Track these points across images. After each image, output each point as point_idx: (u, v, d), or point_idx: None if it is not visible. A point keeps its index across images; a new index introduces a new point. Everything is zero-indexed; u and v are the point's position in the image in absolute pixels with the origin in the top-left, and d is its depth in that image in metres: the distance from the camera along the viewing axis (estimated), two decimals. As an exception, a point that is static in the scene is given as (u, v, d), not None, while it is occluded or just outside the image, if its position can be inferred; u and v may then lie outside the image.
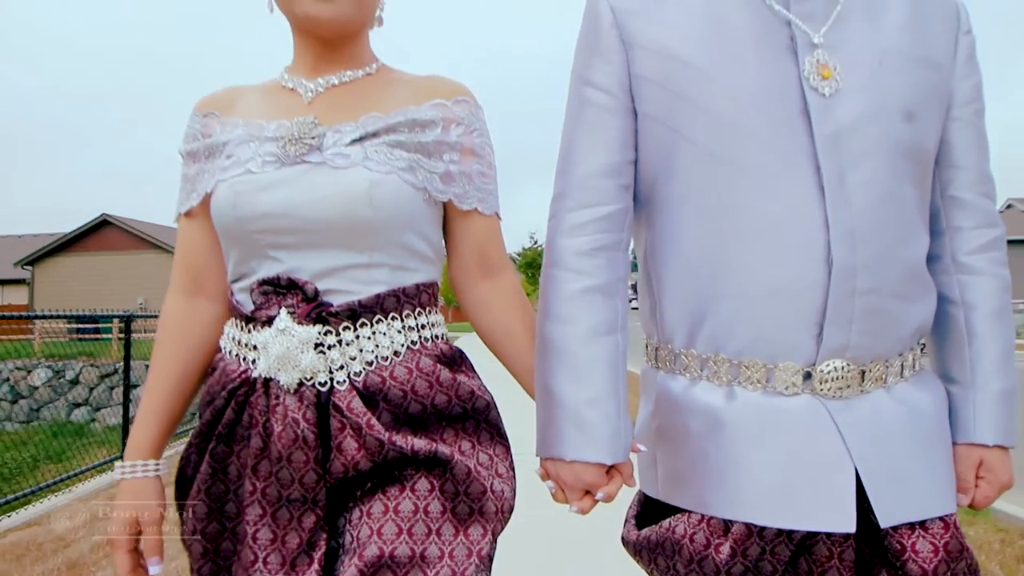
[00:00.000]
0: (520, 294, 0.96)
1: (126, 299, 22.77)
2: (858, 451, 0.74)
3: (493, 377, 1.00)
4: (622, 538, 0.90)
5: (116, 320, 20.47)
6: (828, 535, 0.74)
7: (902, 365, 0.81)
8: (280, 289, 0.80)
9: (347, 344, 0.80)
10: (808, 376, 0.76)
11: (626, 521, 0.90)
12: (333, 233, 0.80)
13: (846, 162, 0.75)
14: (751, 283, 0.76)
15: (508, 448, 0.89)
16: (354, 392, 0.78)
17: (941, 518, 0.77)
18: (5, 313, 3.95)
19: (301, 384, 0.78)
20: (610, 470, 0.80)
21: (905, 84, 0.79)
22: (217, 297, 0.92)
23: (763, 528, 0.74)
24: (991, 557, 2.69)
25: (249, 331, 0.82)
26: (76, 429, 12.88)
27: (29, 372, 15.52)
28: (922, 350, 0.87)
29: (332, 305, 0.80)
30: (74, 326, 19.63)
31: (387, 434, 0.77)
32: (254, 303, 0.82)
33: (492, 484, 0.82)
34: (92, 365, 15.10)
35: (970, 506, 0.84)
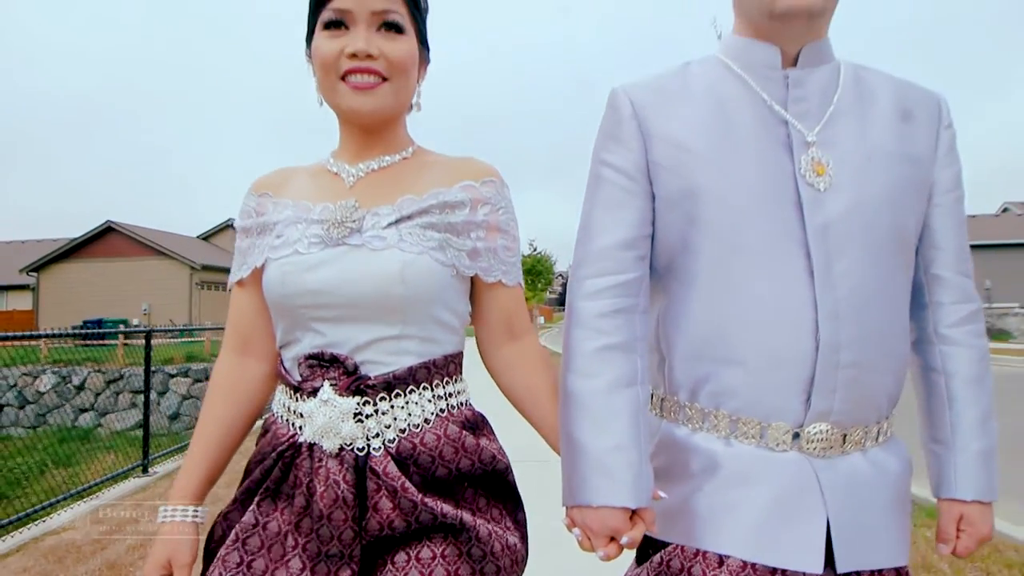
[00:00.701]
0: (543, 356, 1.01)
1: (131, 305, 22.73)
2: (832, 506, 0.81)
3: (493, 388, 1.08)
4: None
5: (121, 326, 20.40)
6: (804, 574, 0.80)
7: (878, 431, 0.88)
8: (324, 363, 0.87)
9: (383, 413, 0.86)
10: (796, 436, 0.83)
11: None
12: (369, 309, 0.87)
13: (833, 251, 0.82)
14: (750, 353, 0.83)
15: (521, 506, 0.97)
16: (389, 457, 0.84)
17: (895, 568, 0.85)
18: (12, 333, 4.03)
19: (341, 449, 0.84)
20: (633, 515, 0.82)
21: (889, 180, 0.86)
22: (264, 357, 0.99)
23: (756, 562, 0.80)
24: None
25: (296, 400, 0.89)
26: (82, 434, 12.91)
27: (36, 378, 15.49)
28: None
29: (370, 378, 0.86)
30: (81, 333, 19.75)
31: (420, 496, 0.83)
32: (301, 375, 0.89)
33: (507, 540, 0.88)
34: (98, 371, 15.03)
35: (952, 553, 0.91)
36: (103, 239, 23.49)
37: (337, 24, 0.90)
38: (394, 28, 0.91)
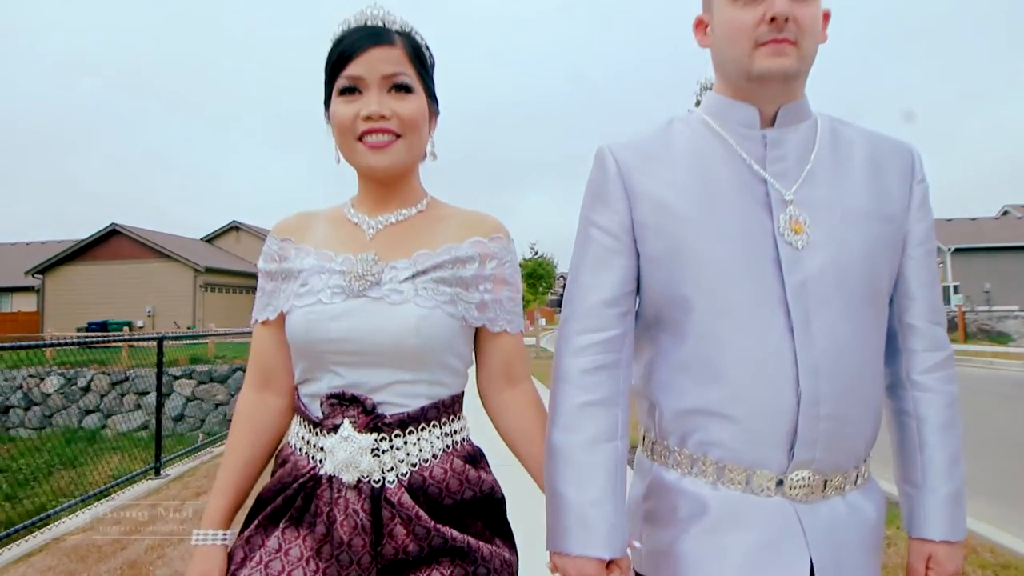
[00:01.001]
0: (538, 402, 1.07)
1: (135, 307, 22.80)
2: (815, 548, 0.85)
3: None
4: None
5: (126, 329, 20.49)
6: None
7: (857, 475, 0.91)
8: (344, 402, 0.94)
9: (397, 449, 0.94)
10: (780, 483, 0.86)
11: None
12: (386, 356, 0.94)
13: (812, 308, 0.86)
14: (735, 407, 0.86)
15: (511, 531, 1.04)
16: (403, 489, 0.91)
17: None
18: (22, 343, 4.12)
19: (359, 481, 0.91)
20: (610, 564, 0.87)
21: (864, 238, 0.89)
22: (283, 393, 1.05)
23: None
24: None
25: (317, 434, 0.96)
26: (88, 435, 13.01)
27: (42, 379, 15.52)
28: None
29: (386, 416, 0.94)
30: (85, 335, 19.77)
31: (432, 523, 0.90)
32: (322, 412, 0.95)
33: (504, 556, 0.97)
34: (103, 373, 15.10)
35: None
36: (108, 242, 23.53)
37: (351, 90, 0.97)
38: (404, 89, 0.98)
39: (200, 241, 27.77)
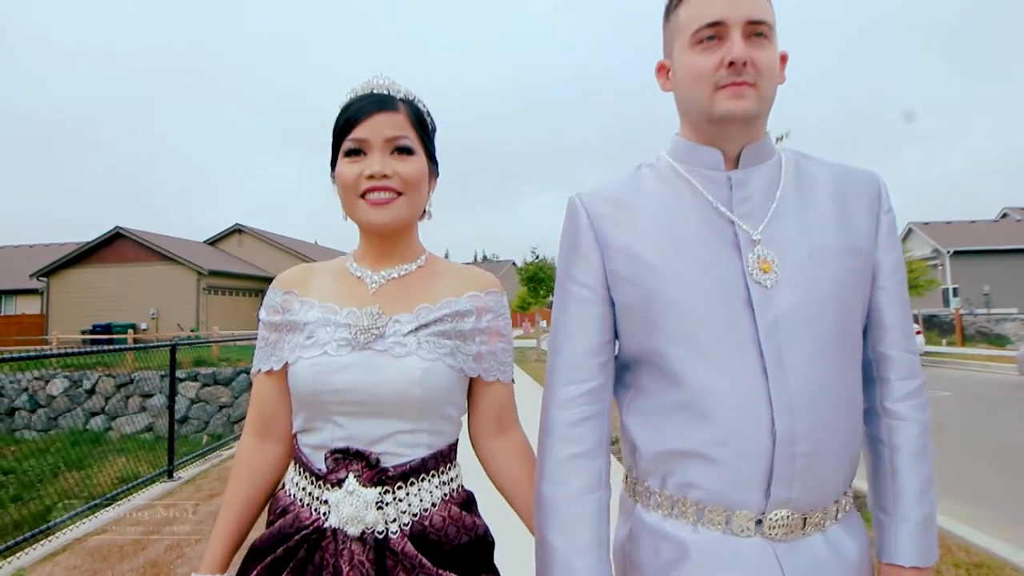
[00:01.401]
0: (527, 449, 1.10)
1: (139, 310, 22.88)
2: None
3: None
4: None
5: (131, 331, 20.49)
6: None
7: (837, 510, 0.91)
8: (348, 456, 0.96)
9: (400, 501, 0.96)
10: (759, 522, 0.86)
11: None
12: (389, 407, 0.97)
13: (784, 347, 0.86)
14: (712, 448, 0.86)
15: (497, 572, 1.08)
16: (405, 539, 0.95)
17: None
18: (31, 353, 4.28)
19: (363, 532, 0.94)
20: None
21: (833, 273, 0.89)
22: (281, 441, 1.08)
23: None
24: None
25: (320, 487, 0.97)
26: (93, 437, 13.09)
27: (47, 382, 15.50)
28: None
29: (389, 470, 0.96)
30: (90, 337, 19.85)
31: (435, 570, 0.93)
32: (327, 467, 0.97)
33: None
34: (108, 375, 15.13)
35: None
36: (112, 245, 23.49)
37: (356, 152, 1.02)
38: (405, 151, 1.03)
39: (203, 244, 27.73)
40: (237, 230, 28.19)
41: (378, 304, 1.02)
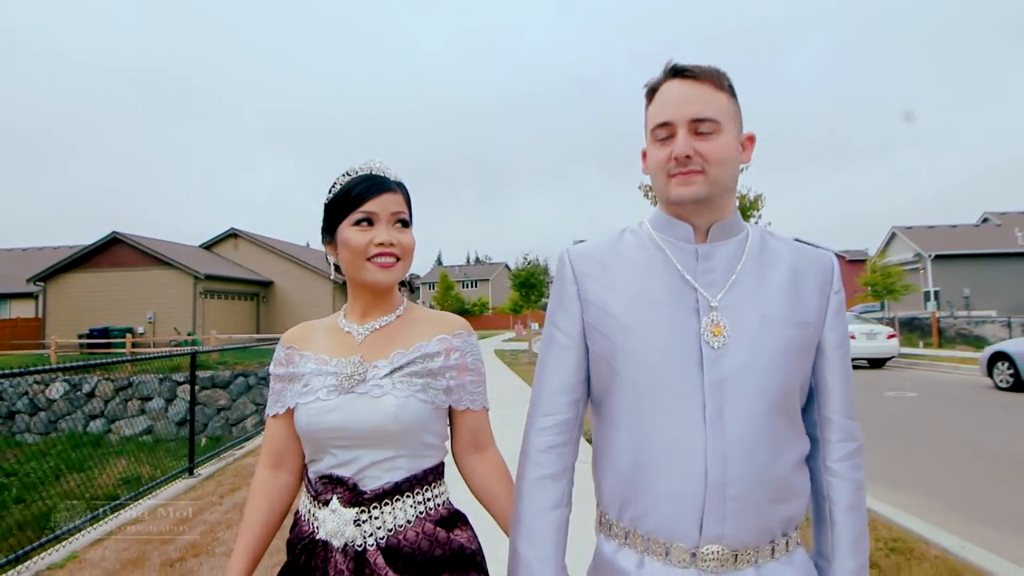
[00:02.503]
0: (501, 466, 1.26)
1: (136, 314, 23.02)
2: None
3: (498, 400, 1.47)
4: None
5: (129, 335, 20.60)
6: None
7: (772, 549, 0.98)
8: (332, 481, 1.12)
9: (375, 518, 1.10)
10: (694, 555, 0.95)
11: None
12: (372, 439, 1.12)
13: (726, 403, 0.95)
14: (657, 487, 0.97)
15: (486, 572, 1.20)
16: (379, 552, 1.09)
17: None
18: (41, 367, 4.60)
19: (346, 545, 1.09)
20: None
21: (779, 342, 0.98)
22: (292, 471, 1.24)
23: None
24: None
25: (315, 507, 1.14)
26: (93, 440, 13.22)
27: (47, 385, 15.58)
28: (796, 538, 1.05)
29: (366, 492, 1.11)
30: (87, 341, 19.96)
31: None
32: (316, 490, 1.14)
33: None
34: (107, 379, 15.29)
35: None
36: (109, 250, 23.50)
37: (365, 222, 1.17)
38: (404, 224, 1.21)
39: (199, 248, 27.68)
40: (232, 234, 28.08)
41: (361, 353, 1.19)
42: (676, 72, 1.03)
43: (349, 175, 1.20)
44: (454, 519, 1.19)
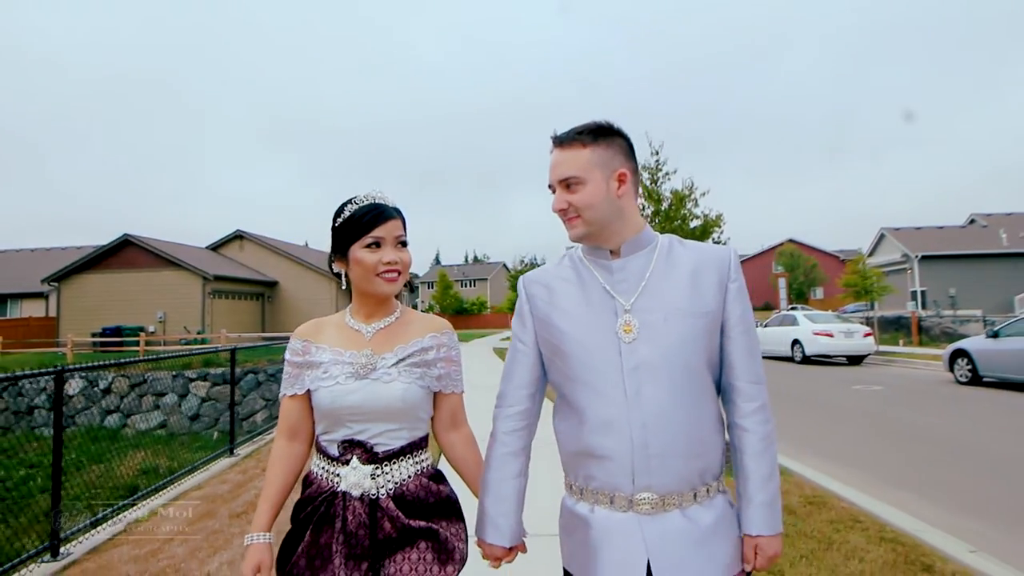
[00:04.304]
0: (472, 441, 1.51)
1: (147, 314, 23.48)
2: (651, 548, 1.15)
3: (481, 386, 1.96)
4: None
5: (142, 333, 20.96)
6: None
7: (695, 495, 1.19)
8: (353, 444, 1.35)
9: (386, 473, 1.34)
10: (631, 501, 1.17)
11: None
12: (381, 414, 1.35)
13: (642, 383, 1.17)
14: (596, 452, 1.19)
15: (465, 524, 1.43)
16: (390, 499, 1.33)
17: None
18: (51, 368, 5.17)
19: (362, 495, 1.32)
20: (511, 549, 1.32)
21: (681, 332, 1.19)
22: (304, 441, 1.46)
23: None
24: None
25: (335, 465, 1.36)
26: (110, 434, 13.61)
27: (65, 382, 15.75)
28: (719, 486, 1.24)
29: (379, 453, 1.35)
30: (100, 340, 20.43)
31: (407, 520, 1.32)
32: (339, 452, 1.35)
33: (458, 545, 1.37)
34: (123, 375, 15.66)
35: (752, 569, 1.23)
36: (120, 251, 24.17)
37: (375, 245, 1.38)
38: (404, 244, 1.43)
39: (207, 250, 27.86)
40: (238, 236, 28.35)
41: (370, 347, 1.41)
42: (554, 142, 1.27)
43: (356, 203, 1.41)
44: (439, 476, 1.46)
